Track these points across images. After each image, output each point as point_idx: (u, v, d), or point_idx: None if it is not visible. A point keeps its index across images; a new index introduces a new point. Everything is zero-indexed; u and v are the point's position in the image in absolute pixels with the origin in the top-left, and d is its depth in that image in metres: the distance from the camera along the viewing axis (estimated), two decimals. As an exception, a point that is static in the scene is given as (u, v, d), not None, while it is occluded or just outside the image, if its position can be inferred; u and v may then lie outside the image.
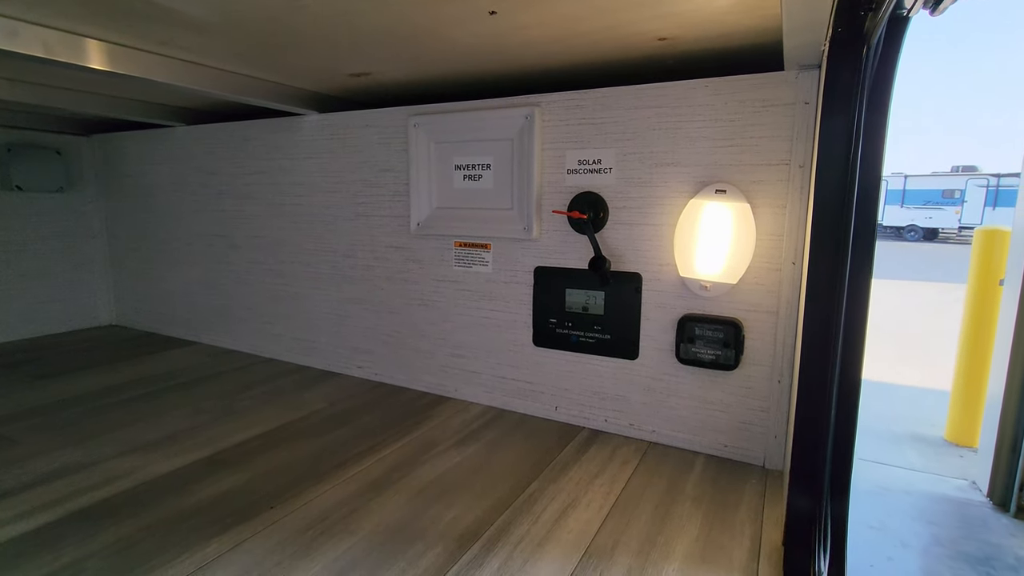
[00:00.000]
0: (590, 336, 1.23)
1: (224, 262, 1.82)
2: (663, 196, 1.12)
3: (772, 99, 1.00)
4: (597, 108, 1.16)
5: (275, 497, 0.94)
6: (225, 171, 1.76)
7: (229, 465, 1.06)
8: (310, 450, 1.13)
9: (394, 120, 1.42)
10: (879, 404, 3.77)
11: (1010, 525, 2.41)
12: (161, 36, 1.04)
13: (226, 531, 0.84)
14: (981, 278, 3.01)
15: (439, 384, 1.46)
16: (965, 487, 2.76)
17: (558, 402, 1.29)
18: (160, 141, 1.90)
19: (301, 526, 0.86)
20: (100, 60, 1.08)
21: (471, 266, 1.37)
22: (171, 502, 0.93)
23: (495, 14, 0.89)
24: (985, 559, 2.22)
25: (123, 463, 1.06)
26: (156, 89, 1.47)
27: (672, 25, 0.94)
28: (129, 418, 1.27)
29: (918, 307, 7.17)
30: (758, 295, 1.05)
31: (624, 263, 1.18)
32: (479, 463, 1.09)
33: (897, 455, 3.01)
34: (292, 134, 1.60)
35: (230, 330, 1.85)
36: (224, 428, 1.23)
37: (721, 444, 1.12)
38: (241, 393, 1.45)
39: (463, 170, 1.33)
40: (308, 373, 1.62)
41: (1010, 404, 2.49)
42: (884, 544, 2.32)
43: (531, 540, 0.84)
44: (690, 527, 0.88)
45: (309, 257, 1.63)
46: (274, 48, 1.11)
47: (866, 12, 0.58)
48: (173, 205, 1.91)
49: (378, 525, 0.87)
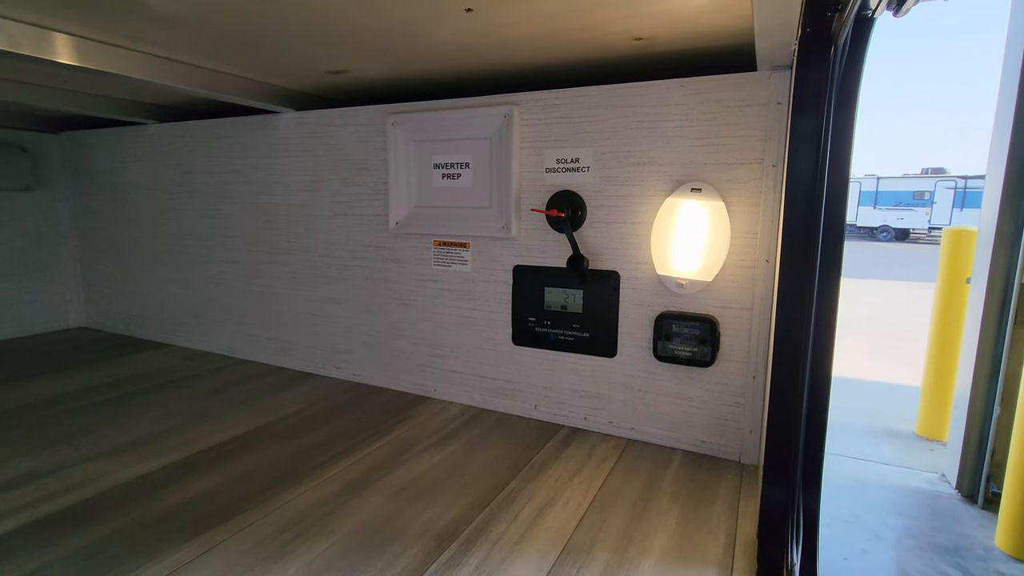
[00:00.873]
0: (569, 334, 1.24)
1: (198, 262, 1.78)
2: (640, 194, 1.13)
3: (746, 99, 1.01)
4: (575, 107, 1.17)
5: (250, 500, 0.93)
6: (199, 169, 1.72)
7: (202, 469, 1.04)
8: (286, 452, 1.11)
9: (372, 118, 1.40)
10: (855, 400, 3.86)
11: (978, 516, 2.49)
12: (130, 30, 1.02)
13: (198, 535, 0.83)
14: (949, 277, 3.10)
15: (418, 384, 1.45)
16: (935, 480, 2.84)
17: (537, 401, 1.30)
18: (132, 139, 1.85)
19: (276, 529, 0.85)
20: (68, 54, 1.05)
21: (450, 265, 1.36)
22: (140, 507, 0.90)
23: (471, 11, 0.88)
24: (955, 550, 2.29)
25: (91, 468, 1.03)
26: (127, 85, 1.44)
27: (648, 25, 0.95)
28: (98, 422, 1.24)
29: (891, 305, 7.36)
30: (733, 292, 1.07)
31: (602, 261, 1.18)
32: (458, 462, 1.08)
33: (872, 450, 3.09)
34: (268, 132, 1.57)
35: (205, 332, 1.81)
36: (197, 431, 1.20)
37: (698, 440, 1.13)
38: (216, 395, 1.42)
39: (442, 169, 1.33)
40: (285, 374, 1.60)
41: (976, 399, 2.57)
42: (859, 537, 2.37)
43: (509, 539, 0.84)
44: (667, 523, 0.89)
45: (286, 257, 1.61)
46: (248, 44, 1.09)
47: (833, 12, 0.59)
48: (145, 204, 1.87)
49: (355, 526, 0.86)
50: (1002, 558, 2.18)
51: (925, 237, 20.38)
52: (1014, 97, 2.37)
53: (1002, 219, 2.44)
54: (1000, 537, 2.22)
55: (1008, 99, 2.40)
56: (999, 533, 2.23)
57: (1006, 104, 2.42)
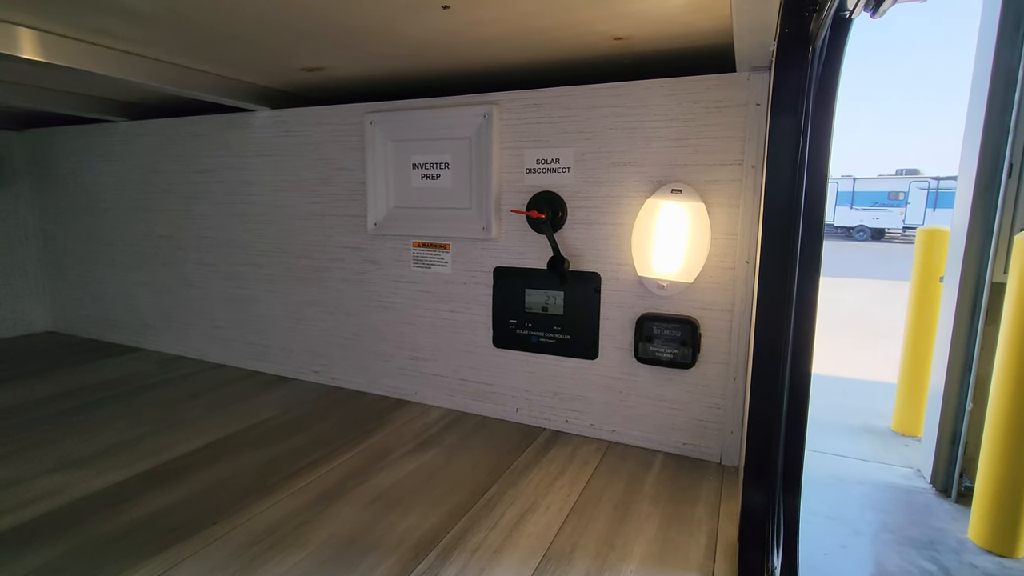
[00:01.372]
0: (550, 336, 1.22)
1: (170, 264, 1.73)
2: (621, 195, 1.12)
3: (725, 100, 1.01)
4: (555, 107, 1.15)
5: (219, 512, 0.90)
6: (171, 169, 1.67)
7: (170, 479, 1.00)
8: (260, 460, 1.08)
9: (349, 117, 1.37)
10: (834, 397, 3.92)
11: (952, 510, 2.54)
12: (96, 24, 0.98)
13: (163, 551, 0.79)
14: (923, 276, 3.17)
15: (398, 387, 1.43)
16: (911, 475, 2.89)
17: (519, 403, 1.28)
18: (100, 137, 1.79)
19: (246, 541, 0.82)
20: (32, 50, 1.01)
21: (430, 267, 1.34)
22: (103, 522, 0.87)
23: (448, 8, 0.87)
24: (930, 543, 2.34)
25: (51, 481, 0.99)
26: (94, 81, 1.39)
27: (627, 24, 0.94)
28: (62, 431, 1.19)
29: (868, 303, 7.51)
30: (713, 293, 1.06)
31: (583, 263, 1.17)
32: (437, 468, 1.06)
33: (850, 446, 3.15)
34: (242, 131, 1.53)
35: (177, 335, 1.76)
36: (167, 440, 1.16)
37: (679, 442, 1.13)
38: (187, 402, 1.38)
39: (421, 169, 1.31)
40: (260, 379, 1.56)
41: (949, 395, 2.62)
42: (838, 533, 2.41)
43: (489, 547, 0.82)
44: (648, 527, 0.88)
45: (261, 258, 1.57)
46: (220, 39, 1.06)
47: (810, 13, 0.59)
48: (115, 204, 1.81)
49: (329, 537, 0.84)
50: (974, 551, 2.23)
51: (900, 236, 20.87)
52: (984, 101, 2.43)
53: (973, 220, 2.50)
54: (972, 530, 2.27)
55: (978, 103, 2.46)
56: (971, 526, 2.28)
57: (976, 107, 2.48)
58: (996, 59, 2.37)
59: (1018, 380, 2.06)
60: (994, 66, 2.38)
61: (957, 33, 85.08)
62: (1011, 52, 2.35)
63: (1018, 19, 2.34)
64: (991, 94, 2.40)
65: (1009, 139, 2.38)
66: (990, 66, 2.39)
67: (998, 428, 2.13)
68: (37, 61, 1.02)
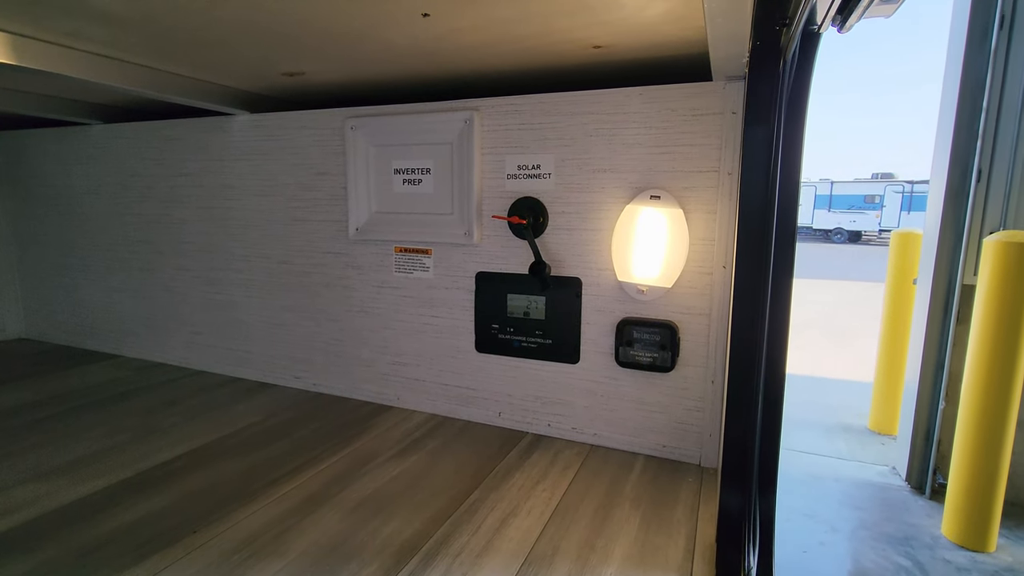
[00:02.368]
0: (532, 341, 1.23)
1: (148, 269, 1.71)
2: (601, 201, 1.14)
3: (702, 108, 1.03)
4: (535, 113, 1.16)
5: (199, 520, 0.89)
6: (148, 173, 1.65)
7: (149, 488, 0.99)
8: (241, 467, 1.07)
9: (330, 122, 1.37)
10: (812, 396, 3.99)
11: (926, 506, 2.61)
12: (68, 27, 0.97)
13: (142, 561, 0.78)
14: (897, 278, 3.25)
15: (380, 393, 1.42)
16: (886, 472, 2.96)
17: (501, 408, 1.29)
18: (75, 140, 1.76)
19: (227, 550, 0.81)
20: (3, 53, 0.99)
21: (412, 272, 1.34)
22: (80, 532, 0.85)
23: (428, 16, 0.87)
24: (905, 539, 2.39)
25: (28, 490, 0.97)
26: (69, 85, 1.36)
27: (606, 33, 0.96)
28: (38, 440, 1.17)
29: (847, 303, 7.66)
30: (692, 298, 1.08)
31: (564, 268, 1.19)
32: (420, 473, 1.06)
33: (827, 445, 3.21)
34: (221, 134, 1.52)
35: (156, 342, 1.73)
36: (146, 447, 1.15)
37: (660, 444, 1.14)
38: (167, 409, 1.36)
39: (402, 174, 1.31)
40: (242, 385, 1.54)
41: (923, 394, 2.69)
42: (816, 530, 2.46)
43: (471, 551, 0.83)
44: (628, 529, 0.89)
45: (242, 263, 1.56)
46: (198, 44, 1.05)
47: (781, 27, 0.60)
48: (91, 209, 1.78)
49: (311, 544, 0.83)
50: (948, 546, 2.29)
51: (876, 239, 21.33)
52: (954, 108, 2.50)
53: (944, 224, 2.57)
54: (946, 526, 2.33)
55: (949, 110, 2.53)
56: (945, 522, 2.34)
57: (947, 114, 2.55)
58: (965, 68, 2.45)
59: (987, 379, 2.13)
60: (963, 74, 2.46)
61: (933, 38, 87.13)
62: (979, 61, 2.43)
63: (985, 29, 2.41)
64: (960, 102, 2.48)
65: (978, 145, 2.46)
66: (959, 74, 2.47)
67: (969, 426, 2.19)
68: (9, 64, 1.00)
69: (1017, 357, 2.08)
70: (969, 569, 2.17)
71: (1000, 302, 2.09)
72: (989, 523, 2.21)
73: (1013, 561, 2.21)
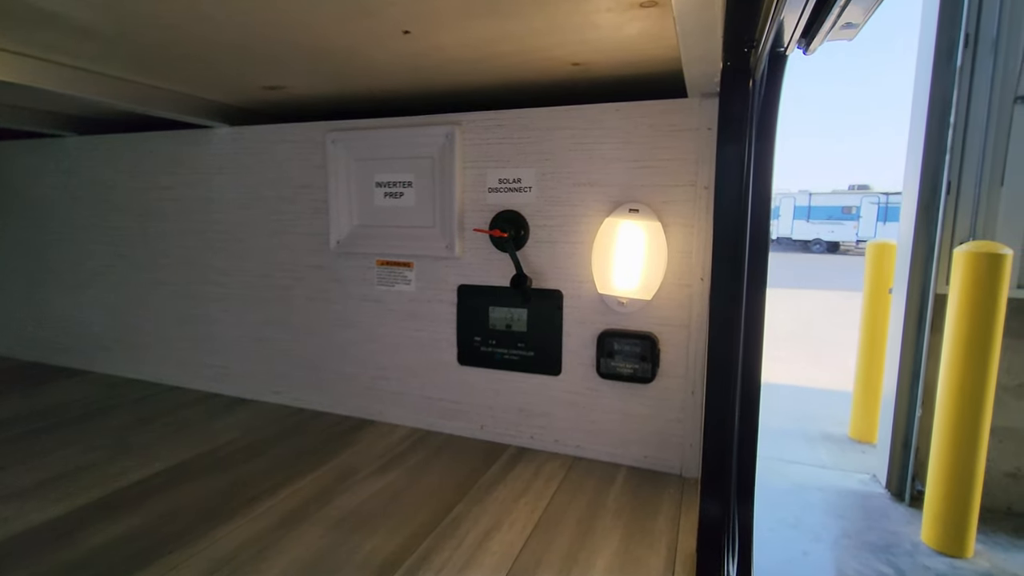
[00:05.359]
0: (514, 353, 1.24)
1: (123, 284, 1.68)
2: (581, 215, 1.15)
3: (678, 124, 1.05)
4: (516, 128, 1.18)
5: (175, 540, 0.87)
6: (123, 185, 1.63)
7: (122, 508, 0.96)
8: (219, 485, 1.05)
9: (311, 135, 1.37)
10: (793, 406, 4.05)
11: (906, 513, 2.65)
12: (46, 40, 0.96)
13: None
14: (873, 287, 3.32)
15: (362, 407, 1.41)
16: (867, 480, 3.01)
17: (484, 421, 1.29)
18: (47, 152, 1.74)
19: (203, 570, 0.80)
20: None
21: (394, 285, 1.34)
22: (50, 555, 0.83)
23: (409, 33, 0.88)
24: (886, 547, 2.43)
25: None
26: (44, 96, 1.35)
27: (584, 51, 0.98)
28: (5, 460, 1.14)
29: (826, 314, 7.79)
30: (671, 310, 1.10)
31: (545, 280, 1.20)
32: (402, 488, 1.05)
33: (809, 454, 3.25)
34: (200, 147, 1.51)
35: (130, 357, 1.70)
36: (119, 466, 1.12)
37: (641, 455, 1.15)
38: (141, 426, 1.33)
39: (384, 187, 1.31)
40: (219, 401, 1.52)
41: (900, 403, 2.74)
42: (800, 540, 2.48)
43: (453, 566, 0.82)
44: (611, 540, 0.89)
45: (220, 277, 1.54)
46: (178, 58, 1.05)
47: (749, 49, 0.63)
48: (63, 222, 1.75)
49: (292, 561, 0.82)
50: (927, 552, 2.33)
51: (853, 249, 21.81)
52: (923, 123, 2.59)
53: (917, 234, 2.65)
54: (925, 533, 2.37)
55: (919, 124, 2.62)
56: (924, 529, 2.38)
57: (917, 129, 2.64)
58: (933, 85, 2.54)
59: (960, 386, 2.18)
60: (931, 91, 2.55)
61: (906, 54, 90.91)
62: (946, 78, 2.52)
63: (951, 48, 2.51)
64: (929, 117, 2.57)
65: (947, 159, 2.54)
66: (928, 91, 2.56)
67: (944, 433, 2.24)
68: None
69: (988, 364, 2.14)
70: (948, 575, 2.21)
71: (971, 310, 2.15)
72: (966, 529, 2.25)
73: (991, 567, 2.25)
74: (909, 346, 2.72)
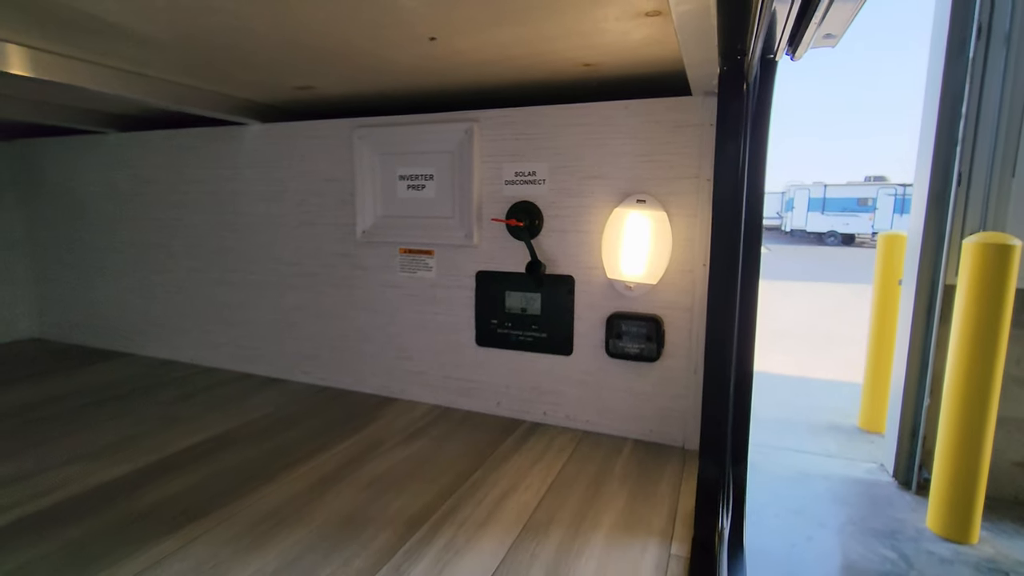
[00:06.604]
0: (528, 335, 1.32)
1: (161, 271, 1.79)
2: (591, 205, 1.23)
3: (683, 120, 1.13)
4: (530, 124, 1.26)
5: (226, 496, 0.97)
6: (162, 179, 1.74)
7: (176, 469, 1.07)
8: (258, 452, 1.16)
9: (338, 131, 1.46)
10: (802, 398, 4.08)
11: (912, 501, 2.70)
12: (101, 47, 1.06)
13: (178, 529, 0.87)
14: (884, 279, 3.34)
15: (385, 386, 1.51)
16: (875, 470, 3.05)
17: (500, 398, 1.38)
18: (90, 148, 1.85)
19: (254, 521, 0.90)
20: (21, 66, 1.06)
21: (416, 272, 1.43)
22: (118, 506, 0.94)
23: (435, 40, 0.97)
24: (891, 533, 2.48)
25: (64, 473, 1.05)
26: (87, 95, 1.45)
27: (595, 53, 1.05)
28: (67, 430, 1.25)
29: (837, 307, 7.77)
30: (675, 294, 1.18)
31: (558, 267, 1.28)
32: (426, 457, 1.15)
33: (818, 444, 3.30)
34: (233, 143, 1.61)
35: (167, 341, 1.82)
36: (169, 435, 1.23)
37: (647, 429, 1.24)
38: (184, 401, 1.45)
39: (407, 180, 1.40)
40: (252, 381, 1.63)
41: (909, 392, 2.78)
42: (804, 526, 2.54)
43: (474, 521, 0.91)
44: (617, 502, 0.98)
45: (252, 265, 1.64)
46: (221, 63, 1.14)
47: (742, 56, 0.70)
48: (105, 214, 1.86)
49: (330, 516, 0.92)
50: (932, 539, 2.37)
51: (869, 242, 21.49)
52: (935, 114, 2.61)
53: (927, 226, 2.67)
54: (930, 519, 2.41)
55: (930, 115, 2.63)
56: (929, 516, 2.42)
57: (929, 120, 2.65)
58: (945, 76, 2.56)
59: (967, 376, 2.22)
60: (943, 82, 2.57)
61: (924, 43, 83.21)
62: (958, 69, 2.54)
63: (963, 39, 2.53)
64: (941, 108, 2.59)
65: (958, 150, 2.56)
66: (940, 82, 2.57)
67: (950, 422, 2.28)
68: (35, 78, 1.08)
69: (996, 355, 2.17)
70: (952, 560, 2.26)
71: (979, 301, 2.18)
72: (971, 516, 2.30)
73: (995, 553, 2.30)
74: (918, 336, 2.75)
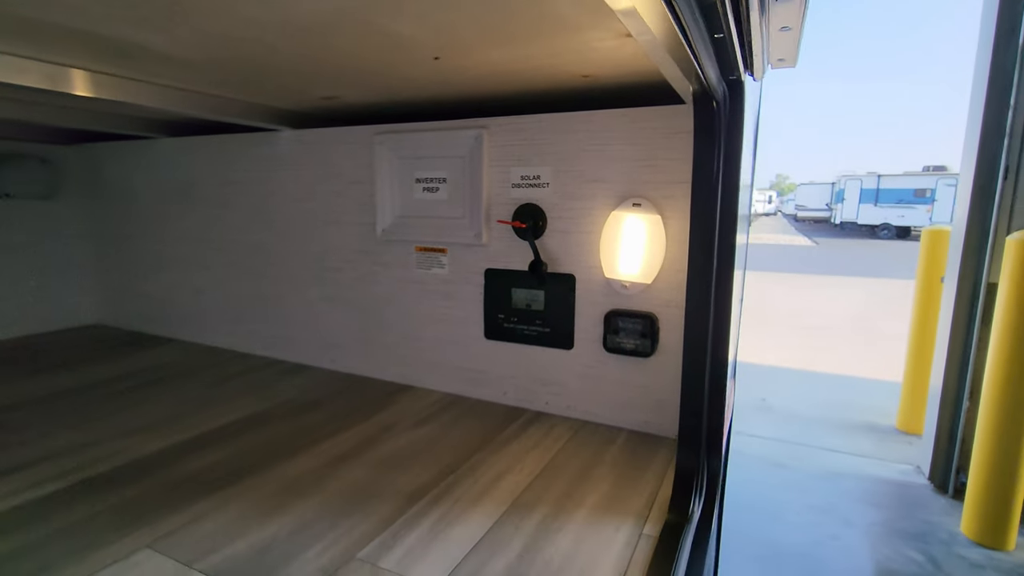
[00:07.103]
0: (533, 329, 1.40)
1: (203, 265, 1.96)
2: (591, 208, 1.30)
3: (676, 128, 1.18)
4: (535, 131, 1.33)
5: (255, 467, 1.10)
6: (205, 181, 1.90)
7: (213, 444, 1.21)
8: (284, 431, 1.28)
9: (361, 137, 1.57)
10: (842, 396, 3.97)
11: (947, 505, 2.62)
12: (151, 70, 1.19)
13: (214, 493, 1.00)
14: (926, 276, 3.21)
15: (402, 374, 1.62)
16: (910, 471, 2.97)
17: (506, 388, 1.46)
18: (142, 152, 2.03)
19: (277, 489, 1.02)
20: (84, 87, 1.20)
21: (430, 268, 1.53)
22: (165, 473, 1.08)
23: (439, 59, 1.05)
24: (920, 535, 2.42)
25: (119, 443, 1.21)
26: (139, 108, 1.60)
27: (591, 66, 1.12)
28: (120, 406, 1.42)
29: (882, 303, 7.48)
30: (668, 292, 1.23)
31: (560, 266, 1.35)
32: (433, 439, 1.25)
33: (851, 443, 3.23)
34: (268, 148, 1.74)
35: (209, 328, 1.99)
36: (206, 414, 1.38)
37: (642, 421, 1.30)
38: (221, 384, 1.60)
39: (422, 183, 1.50)
40: (282, 366, 1.77)
41: (948, 394, 2.69)
42: (830, 524, 2.51)
43: (469, 497, 1.01)
44: (602, 486, 1.05)
45: (285, 260, 1.78)
46: (254, 78, 1.26)
47: (705, 77, 0.75)
48: (155, 212, 2.04)
49: (344, 486, 1.04)
50: (965, 543, 2.31)
51: (925, 235, 20.33)
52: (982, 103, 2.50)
53: (971, 220, 2.56)
54: (965, 524, 2.33)
55: (977, 105, 2.52)
56: (964, 520, 2.34)
57: (976, 110, 2.54)
58: (993, 64, 2.45)
59: (1008, 379, 2.13)
60: (991, 71, 2.46)
61: (993, 24, 71.99)
62: (1006, 57, 2.43)
63: (1013, 26, 2.41)
64: (988, 98, 2.48)
65: (1005, 142, 2.46)
66: (987, 71, 2.47)
67: (990, 425, 2.19)
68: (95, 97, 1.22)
69: (1038, 357, 2.08)
70: (984, 565, 2.20)
71: (1021, 301, 2.09)
72: (1008, 521, 2.22)
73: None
74: (958, 336, 2.64)
